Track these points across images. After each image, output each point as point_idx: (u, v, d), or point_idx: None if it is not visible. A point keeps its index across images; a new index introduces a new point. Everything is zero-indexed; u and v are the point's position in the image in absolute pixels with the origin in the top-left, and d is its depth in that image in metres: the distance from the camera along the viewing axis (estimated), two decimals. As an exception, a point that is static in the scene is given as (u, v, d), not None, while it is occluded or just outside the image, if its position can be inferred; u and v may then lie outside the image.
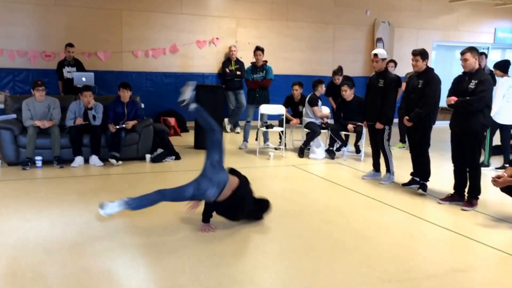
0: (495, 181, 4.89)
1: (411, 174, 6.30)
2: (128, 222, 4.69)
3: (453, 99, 5.34)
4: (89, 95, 7.25)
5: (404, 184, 6.32)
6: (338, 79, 8.79)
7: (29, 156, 6.77)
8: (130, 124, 7.33)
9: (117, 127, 7.22)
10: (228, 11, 11.23)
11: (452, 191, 5.67)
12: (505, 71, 7.51)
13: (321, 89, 8.38)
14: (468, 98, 5.23)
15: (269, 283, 3.58)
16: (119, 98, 7.49)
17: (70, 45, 9.05)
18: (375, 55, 6.46)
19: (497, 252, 4.27)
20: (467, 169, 5.48)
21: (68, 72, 9.02)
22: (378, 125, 6.44)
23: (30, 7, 9.64)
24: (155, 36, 10.64)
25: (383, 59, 6.48)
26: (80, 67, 9.15)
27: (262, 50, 8.77)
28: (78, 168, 6.93)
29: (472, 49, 5.30)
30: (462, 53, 5.34)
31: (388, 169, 6.56)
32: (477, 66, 5.31)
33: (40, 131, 6.89)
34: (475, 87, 5.22)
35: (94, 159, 7.06)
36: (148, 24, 10.53)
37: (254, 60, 8.83)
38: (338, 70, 8.92)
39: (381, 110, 6.40)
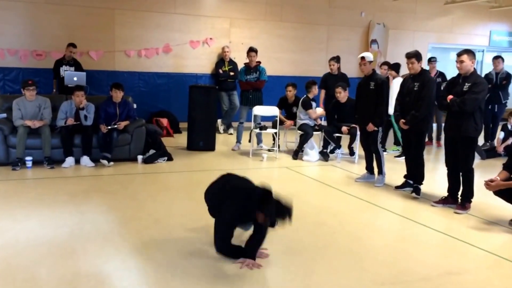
0: (488, 184, 4.91)
1: (405, 176, 6.28)
2: (119, 223, 4.65)
3: (449, 97, 5.32)
4: (81, 95, 7.19)
5: (397, 187, 6.30)
6: (334, 65, 8.61)
7: (19, 156, 6.69)
8: (122, 124, 7.27)
9: (109, 127, 7.16)
10: (222, 11, 11.19)
11: (445, 194, 5.67)
12: (397, 72, 8.49)
13: (315, 90, 8.33)
14: (461, 97, 5.22)
15: (262, 284, 3.55)
16: (111, 98, 7.43)
17: (72, 45, 8.95)
18: (363, 58, 6.45)
19: (490, 255, 4.27)
20: (461, 173, 5.47)
21: (66, 71, 8.93)
22: (371, 127, 6.42)
23: (21, 5, 9.53)
24: (148, 35, 10.57)
25: (370, 62, 6.47)
26: (78, 68, 9.07)
27: (255, 51, 8.70)
28: (69, 168, 6.85)
29: (468, 52, 5.27)
30: (459, 55, 5.30)
31: (381, 171, 6.54)
32: (472, 69, 5.30)
33: (30, 131, 6.82)
34: (468, 90, 5.20)
35: (85, 159, 7.00)
36: (141, 23, 10.45)
37: (247, 61, 8.78)
38: (335, 57, 8.74)
39: (374, 111, 6.38)
